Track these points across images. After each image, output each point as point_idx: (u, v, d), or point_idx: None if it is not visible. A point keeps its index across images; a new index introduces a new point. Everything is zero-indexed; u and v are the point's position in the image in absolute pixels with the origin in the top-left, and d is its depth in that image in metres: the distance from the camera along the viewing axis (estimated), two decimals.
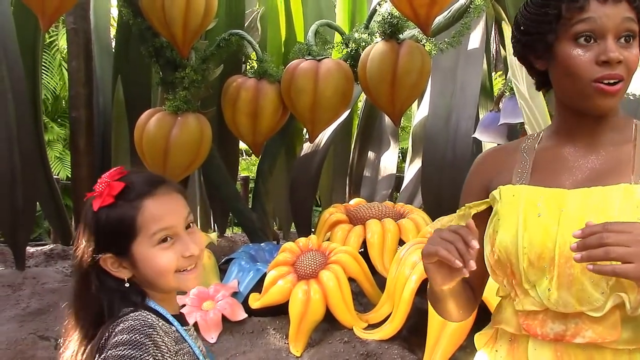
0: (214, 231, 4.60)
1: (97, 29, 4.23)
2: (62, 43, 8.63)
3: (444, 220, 1.33)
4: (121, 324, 1.12)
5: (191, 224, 1.25)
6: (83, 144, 3.93)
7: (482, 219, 1.22)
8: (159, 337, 1.13)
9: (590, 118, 1.16)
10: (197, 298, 3.00)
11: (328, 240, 3.36)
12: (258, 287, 3.09)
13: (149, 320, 1.14)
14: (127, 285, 1.20)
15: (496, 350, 1.24)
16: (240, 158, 6.15)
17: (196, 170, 3.99)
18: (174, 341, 1.19)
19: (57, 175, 7.98)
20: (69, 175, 7.37)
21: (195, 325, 2.85)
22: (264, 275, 3.09)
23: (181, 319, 1.28)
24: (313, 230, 4.02)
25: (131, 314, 1.15)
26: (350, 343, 2.75)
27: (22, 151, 3.63)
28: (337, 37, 3.86)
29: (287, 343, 2.84)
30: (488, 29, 4.13)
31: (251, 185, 5.91)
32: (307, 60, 3.33)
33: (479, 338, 1.33)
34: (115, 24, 4.93)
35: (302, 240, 3.22)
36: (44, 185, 4.03)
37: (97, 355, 1.13)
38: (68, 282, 3.26)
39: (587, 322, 1.07)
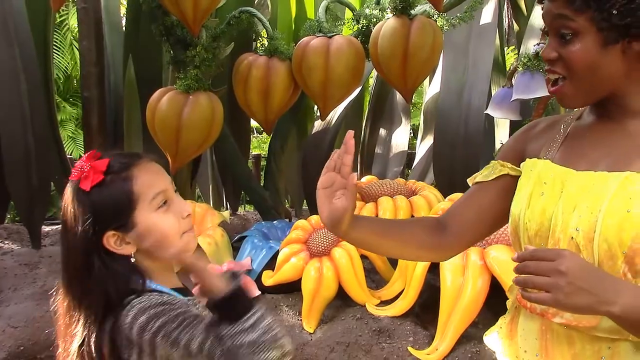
0: (227, 209, 4.62)
1: (107, 8, 4.22)
2: (73, 22, 8.63)
3: (482, 171, 1.35)
4: (132, 310, 1.12)
5: (175, 190, 1.27)
6: (95, 123, 3.94)
7: (508, 185, 1.26)
8: (174, 307, 1.14)
9: (608, 103, 1.14)
10: None
11: None
12: (271, 264, 3.11)
13: (157, 298, 1.15)
14: (132, 260, 1.20)
15: (500, 327, 1.30)
16: (251, 136, 6.15)
17: (208, 149, 4.00)
18: None
19: (71, 154, 8.05)
20: (82, 155, 7.42)
21: None
22: (277, 252, 3.11)
23: (183, 290, 1.29)
24: None
25: (135, 300, 1.15)
26: (362, 319, 2.77)
27: (35, 131, 3.66)
28: (348, 14, 3.83)
29: (300, 320, 2.87)
30: (501, 4, 4.07)
31: (263, 163, 5.92)
32: (317, 37, 3.31)
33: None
34: (125, 3, 4.92)
35: (314, 217, 3.23)
36: (57, 165, 4.06)
37: (110, 345, 1.13)
38: None
39: None
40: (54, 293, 1.26)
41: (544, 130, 1.27)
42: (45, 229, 3.96)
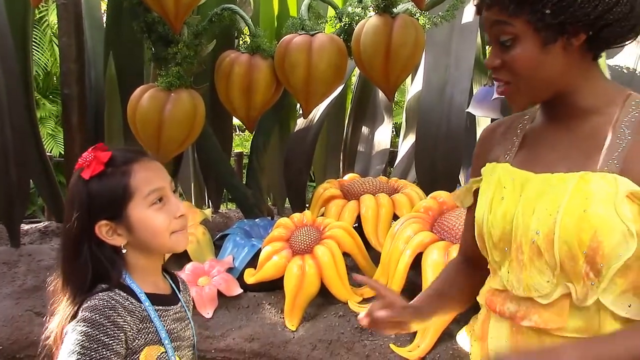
0: (208, 207, 4.61)
1: (87, 4, 4.18)
2: (53, 18, 8.54)
3: (457, 193, 1.35)
4: (89, 301, 1.20)
5: (174, 190, 1.32)
6: (75, 120, 3.90)
7: None
8: (119, 317, 1.19)
9: (559, 103, 1.14)
10: (192, 274, 3.01)
11: (322, 215, 3.38)
12: (253, 262, 3.11)
13: (112, 302, 1.20)
14: (123, 251, 1.26)
15: (472, 329, 1.31)
16: (233, 134, 6.13)
17: (190, 146, 3.98)
18: (139, 320, 1.24)
19: (50, 152, 7.97)
20: (62, 152, 7.34)
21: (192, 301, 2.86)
22: (259, 250, 3.11)
23: (160, 298, 1.31)
24: (307, 205, 4.03)
25: (100, 294, 1.21)
26: (345, 317, 2.78)
27: (14, 128, 3.61)
28: (331, 12, 3.83)
29: (283, 317, 2.86)
30: None
31: (245, 161, 5.90)
32: (300, 34, 3.31)
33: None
34: None
35: (296, 215, 3.23)
36: (37, 162, 4.01)
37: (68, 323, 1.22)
38: None
39: (537, 307, 1.09)
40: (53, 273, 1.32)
41: (504, 133, 1.26)
42: (25, 227, 3.92)
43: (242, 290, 3.00)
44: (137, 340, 1.22)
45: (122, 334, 1.19)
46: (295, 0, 4.50)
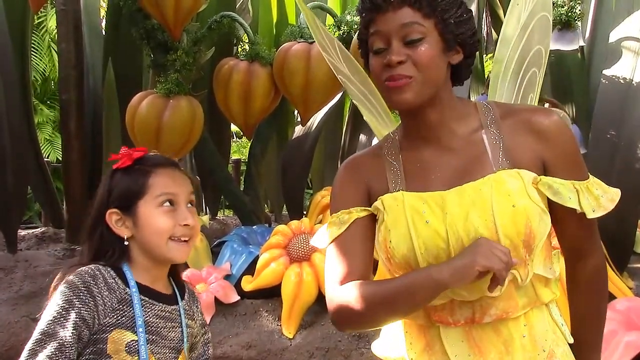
0: (206, 214, 4.61)
1: (87, 11, 4.19)
2: (51, 24, 8.55)
3: (328, 229, 1.29)
4: (78, 269, 1.29)
5: (192, 203, 1.39)
6: (74, 126, 3.90)
7: (368, 221, 1.25)
8: (96, 287, 1.26)
9: (418, 117, 1.23)
10: (189, 281, 3.00)
11: (320, 223, 3.38)
12: (250, 269, 3.11)
13: (95, 272, 1.28)
14: (126, 243, 1.34)
15: (410, 343, 1.29)
16: (231, 140, 6.14)
17: (187, 153, 3.98)
18: (117, 300, 1.28)
19: (47, 157, 7.95)
20: (59, 158, 7.34)
21: None
22: (257, 257, 3.10)
23: (152, 292, 1.35)
24: (305, 213, 4.03)
25: (91, 264, 1.30)
26: None
27: (12, 133, 3.61)
28: (329, 20, 3.84)
29: (280, 325, 2.86)
30: (479, 12, 4.12)
31: (243, 168, 5.90)
32: (299, 42, 3.32)
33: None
34: (105, 5, 4.89)
35: (294, 223, 3.23)
36: (34, 168, 4.02)
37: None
38: (60, 265, 3.26)
39: (490, 301, 1.17)
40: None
41: (371, 165, 1.29)
42: (21, 233, 3.91)
43: (239, 297, 2.99)
44: (108, 318, 1.26)
45: (93, 303, 1.25)
46: (294, 8, 4.51)
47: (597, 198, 1.20)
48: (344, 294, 1.18)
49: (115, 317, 1.27)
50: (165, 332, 1.34)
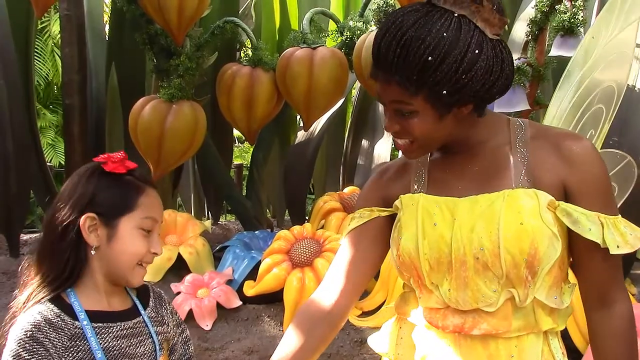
0: (208, 219, 4.61)
1: (90, 15, 4.20)
2: (55, 29, 8.58)
3: (348, 223, 1.38)
4: (21, 315, 1.26)
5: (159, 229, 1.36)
6: (77, 131, 3.91)
7: (386, 223, 1.32)
8: (41, 333, 1.21)
9: (455, 143, 1.24)
10: (191, 285, 3.01)
11: (322, 228, 3.38)
12: (253, 274, 3.10)
13: (36, 318, 1.23)
14: (92, 253, 1.28)
15: (401, 337, 1.35)
16: (233, 145, 6.14)
17: (190, 158, 3.99)
18: (67, 337, 1.24)
19: (50, 162, 7.97)
20: (62, 162, 7.35)
21: (190, 312, 2.86)
22: (259, 263, 3.10)
23: (103, 315, 1.30)
24: (307, 218, 4.03)
25: (31, 308, 1.26)
26: (344, 330, 2.77)
27: (15, 138, 3.62)
28: (332, 25, 3.85)
29: (282, 330, 2.86)
30: None
31: (245, 173, 5.91)
32: (302, 48, 3.32)
33: (386, 311, 1.41)
34: (109, 10, 4.90)
35: (296, 228, 3.23)
36: (37, 172, 4.02)
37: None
38: None
39: (483, 315, 1.18)
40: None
41: (397, 173, 1.35)
42: (24, 237, 3.91)
43: (241, 303, 2.99)
44: (63, 359, 1.22)
45: (43, 349, 1.20)
46: (296, 14, 4.53)
47: (623, 234, 1.13)
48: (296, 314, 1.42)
49: (70, 355, 1.23)
50: (133, 350, 1.31)
